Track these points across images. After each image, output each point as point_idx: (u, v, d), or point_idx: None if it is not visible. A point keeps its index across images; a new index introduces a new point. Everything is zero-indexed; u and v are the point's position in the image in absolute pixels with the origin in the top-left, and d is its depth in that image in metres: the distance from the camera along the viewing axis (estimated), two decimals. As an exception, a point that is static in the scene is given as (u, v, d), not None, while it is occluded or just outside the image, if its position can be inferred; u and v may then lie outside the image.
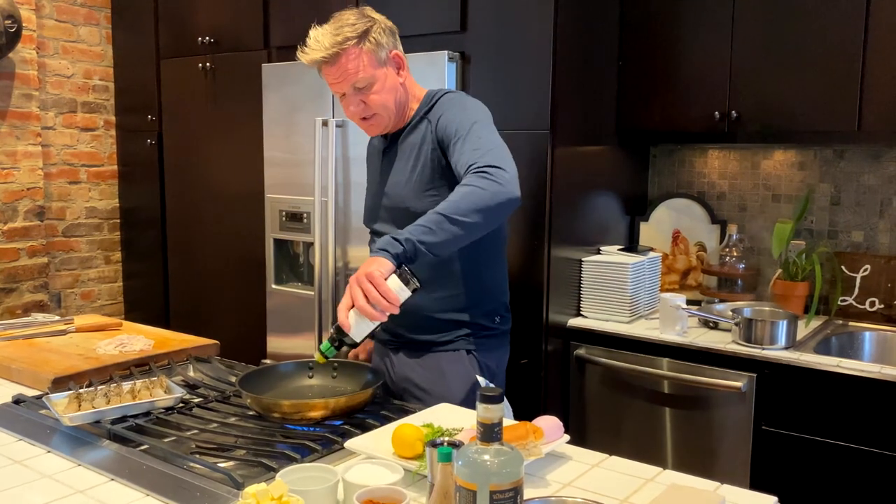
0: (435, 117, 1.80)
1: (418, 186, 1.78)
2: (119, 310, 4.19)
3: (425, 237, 1.53)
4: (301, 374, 1.78)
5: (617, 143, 2.98)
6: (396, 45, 1.82)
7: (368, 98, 1.77)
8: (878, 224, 2.77)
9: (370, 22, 1.77)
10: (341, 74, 1.75)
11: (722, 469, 2.47)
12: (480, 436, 1.04)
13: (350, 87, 1.76)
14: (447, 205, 1.56)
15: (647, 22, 2.83)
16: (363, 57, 1.74)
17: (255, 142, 3.24)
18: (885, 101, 2.40)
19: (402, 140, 1.85)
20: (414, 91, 1.88)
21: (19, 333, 2.16)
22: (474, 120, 1.72)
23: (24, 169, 3.67)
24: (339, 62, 1.73)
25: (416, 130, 1.83)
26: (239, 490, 1.25)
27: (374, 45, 1.76)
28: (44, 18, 3.80)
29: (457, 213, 1.54)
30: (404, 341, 1.87)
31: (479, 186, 1.56)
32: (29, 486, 1.33)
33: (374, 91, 1.77)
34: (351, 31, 1.73)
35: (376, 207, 1.90)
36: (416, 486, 1.31)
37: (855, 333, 2.67)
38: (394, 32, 1.82)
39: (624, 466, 1.43)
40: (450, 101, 1.82)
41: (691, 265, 3.09)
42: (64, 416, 1.50)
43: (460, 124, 1.71)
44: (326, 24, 1.79)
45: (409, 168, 1.81)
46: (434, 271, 1.75)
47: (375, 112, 1.79)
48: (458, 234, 1.55)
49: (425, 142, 1.80)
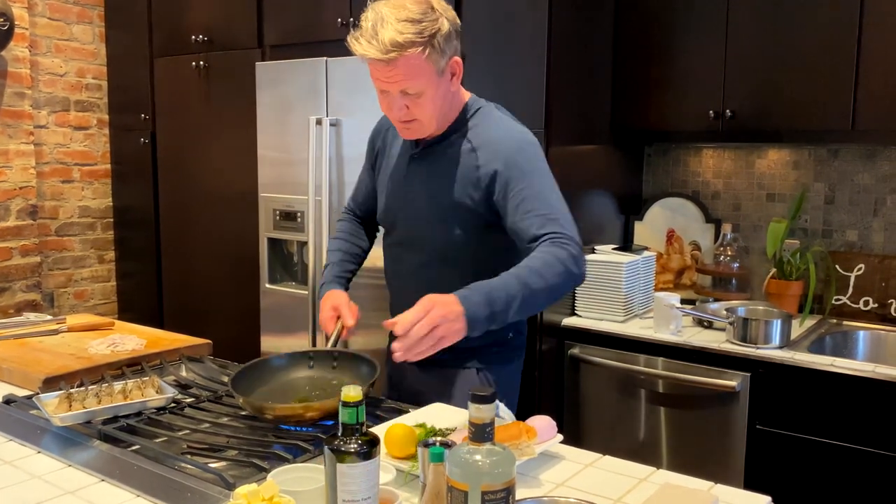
0: (484, 146, 1.65)
1: (441, 214, 1.68)
2: (112, 309, 4.17)
3: (509, 316, 1.48)
4: (295, 365, 1.75)
5: (611, 142, 2.98)
6: (458, 48, 1.64)
7: (415, 104, 1.61)
8: (872, 223, 2.77)
9: (437, 21, 1.56)
10: (393, 76, 1.57)
11: (716, 468, 2.47)
12: (472, 436, 1.03)
13: (398, 91, 1.60)
14: (527, 271, 1.50)
15: (641, 21, 2.83)
16: (423, 65, 1.56)
17: (249, 140, 3.23)
18: (879, 101, 2.40)
19: (437, 153, 1.72)
20: (460, 97, 1.73)
21: (11, 333, 2.14)
22: (534, 169, 1.63)
23: (16, 168, 3.65)
24: (395, 64, 1.54)
25: (454, 148, 1.69)
26: (230, 490, 1.24)
27: (438, 52, 1.57)
28: (36, 17, 3.78)
29: (536, 305, 1.54)
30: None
31: (557, 261, 1.53)
32: (19, 486, 1.32)
33: (423, 100, 1.61)
34: (417, 32, 1.53)
35: (395, 210, 1.80)
36: (409, 487, 1.30)
37: (849, 333, 2.67)
38: (458, 32, 1.63)
39: (617, 466, 1.42)
40: (496, 130, 1.67)
41: (686, 264, 3.09)
42: (54, 417, 1.49)
43: (523, 171, 1.61)
44: (386, 6, 1.55)
45: (438, 190, 1.69)
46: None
47: (417, 119, 1.64)
48: (525, 313, 1.55)
49: (465, 169, 1.65)
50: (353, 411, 1.11)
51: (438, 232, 1.70)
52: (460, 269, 1.65)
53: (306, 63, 2.96)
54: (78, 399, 1.56)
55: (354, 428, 1.12)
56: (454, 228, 1.68)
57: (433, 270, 1.73)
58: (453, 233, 1.68)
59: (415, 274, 1.77)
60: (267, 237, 3.18)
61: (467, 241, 1.69)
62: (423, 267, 1.75)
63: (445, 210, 1.68)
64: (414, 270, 1.77)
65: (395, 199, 1.80)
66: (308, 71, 2.95)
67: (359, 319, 1.81)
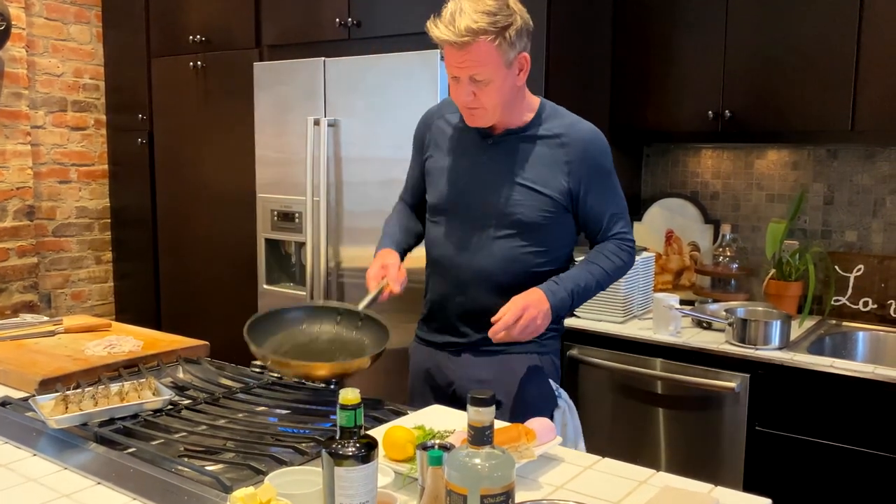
0: (573, 143, 1.81)
1: (539, 203, 1.79)
2: (110, 310, 4.16)
3: (577, 298, 1.78)
4: (322, 318, 1.84)
5: (610, 143, 2.94)
6: (527, 46, 1.77)
7: (482, 92, 1.72)
8: (871, 224, 2.76)
9: (511, 17, 1.69)
10: (465, 61, 1.68)
11: (716, 470, 2.46)
12: (471, 439, 1.03)
13: (468, 76, 1.70)
14: (601, 273, 1.82)
15: (640, 21, 2.83)
16: (493, 53, 1.68)
17: (247, 141, 3.22)
18: (879, 101, 2.40)
19: (518, 142, 1.83)
20: (529, 98, 1.86)
21: (7, 334, 2.13)
22: (611, 169, 1.87)
23: (13, 168, 3.64)
24: (468, 49, 1.66)
25: (540, 140, 1.82)
26: (227, 494, 1.23)
27: (508, 44, 1.69)
28: (33, 17, 3.77)
29: (601, 288, 1.85)
30: (468, 343, 1.87)
31: (623, 265, 1.87)
32: (14, 489, 1.32)
33: (490, 89, 1.72)
34: (491, 22, 1.65)
35: (466, 190, 1.85)
36: (407, 489, 1.30)
37: (848, 333, 2.67)
38: (529, 32, 1.77)
39: (617, 468, 1.42)
40: (585, 131, 1.85)
41: (685, 265, 3.08)
42: (50, 419, 1.48)
43: (604, 171, 1.85)
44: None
45: (531, 177, 1.80)
46: (526, 280, 1.79)
47: (483, 106, 1.75)
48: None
49: (552, 159, 1.80)
50: (350, 414, 1.10)
51: (517, 209, 1.80)
52: (533, 243, 1.82)
53: (304, 63, 2.95)
54: (74, 401, 1.55)
55: (352, 431, 1.11)
56: (533, 208, 1.79)
57: (508, 241, 1.82)
58: (531, 211, 1.80)
59: (485, 246, 1.83)
60: (265, 238, 3.17)
61: (543, 220, 1.81)
62: (496, 239, 1.83)
63: (527, 191, 1.79)
64: (485, 244, 1.84)
65: (467, 180, 1.86)
66: (306, 71, 2.94)
67: (404, 288, 1.84)
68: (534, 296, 1.71)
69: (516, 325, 1.65)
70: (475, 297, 1.83)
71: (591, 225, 1.87)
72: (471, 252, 1.84)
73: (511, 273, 1.81)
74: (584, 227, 1.88)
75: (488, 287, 1.82)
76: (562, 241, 1.87)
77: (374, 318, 1.82)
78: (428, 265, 1.97)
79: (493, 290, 1.81)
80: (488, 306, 1.75)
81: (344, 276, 2.93)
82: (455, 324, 1.88)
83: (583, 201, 1.82)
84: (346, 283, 2.93)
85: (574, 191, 1.81)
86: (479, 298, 1.83)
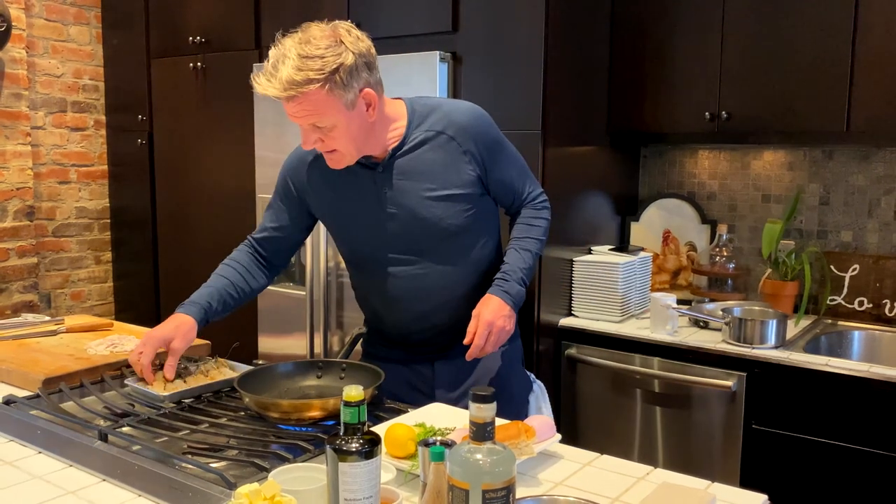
0: (460, 133, 1.72)
1: (460, 207, 1.73)
2: (110, 310, 4.17)
3: (527, 280, 1.78)
4: (303, 373, 1.77)
5: (608, 144, 2.99)
6: (370, 77, 1.60)
7: (329, 137, 1.61)
8: (866, 224, 2.78)
9: (341, 56, 1.53)
10: (299, 111, 1.56)
11: (712, 467, 2.48)
12: (473, 435, 1.04)
13: (308, 124, 1.59)
14: (536, 244, 1.83)
15: (637, 23, 2.84)
16: (327, 100, 1.54)
17: (247, 141, 3.24)
18: (874, 102, 2.42)
19: (408, 158, 1.72)
20: (390, 113, 1.71)
21: (9, 334, 2.14)
22: (501, 136, 1.81)
23: (13, 169, 3.65)
24: (297, 101, 1.53)
25: (431, 147, 1.72)
26: (231, 490, 1.24)
27: (342, 87, 1.54)
28: (33, 18, 3.78)
29: (539, 255, 1.86)
30: (436, 349, 1.83)
31: (547, 223, 1.88)
32: (20, 486, 1.33)
33: (336, 133, 1.60)
34: (317, 69, 1.50)
35: (376, 233, 1.76)
36: (409, 486, 1.31)
37: (844, 333, 2.69)
38: (368, 63, 1.59)
39: (615, 465, 1.43)
40: (465, 115, 1.74)
41: (682, 265, 3.10)
42: (161, 393, 1.66)
43: (497, 143, 1.78)
44: (292, 40, 1.55)
45: (439, 186, 1.72)
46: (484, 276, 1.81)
47: (336, 149, 1.64)
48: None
49: (451, 158, 1.72)
50: (354, 411, 1.12)
51: (443, 223, 1.73)
52: (471, 242, 1.79)
53: (304, 64, 2.96)
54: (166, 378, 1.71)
55: (356, 427, 1.12)
56: (456, 213, 1.74)
57: (449, 256, 1.77)
58: (457, 217, 1.74)
59: (431, 272, 1.76)
60: (264, 238, 3.18)
61: (470, 217, 1.76)
62: (437, 260, 1.76)
63: (443, 201, 1.72)
64: (430, 270, 1.76)
65: (378, 221, 1.75)
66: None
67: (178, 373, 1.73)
68: (492, 304, 1.70)
69: (487, 343, 1.67)
70: (444, 319, 1.80)
71: (503, 196, 1.84)
72: (419, 285, 1.77)
73: (467, 279, 1.79)
74: (496, 199, 1.84)
75: (454, 305, 1.79)
76: (491, 222, 1.84)
77: (357, 365, 1.78)
78: (370, 308, 1.90)
79: (459, 304, 1.78)
80: (455, 319, 1.77)
81: (343, 276, 2.95)
82: (420, 342, 1.84)
83: (490, 178, 1.78)
84: (346, 282, 2.95)
85: (480, 174, 1.75)
86: (448, 318, 1.79)
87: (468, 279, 1.80)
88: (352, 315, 2.95)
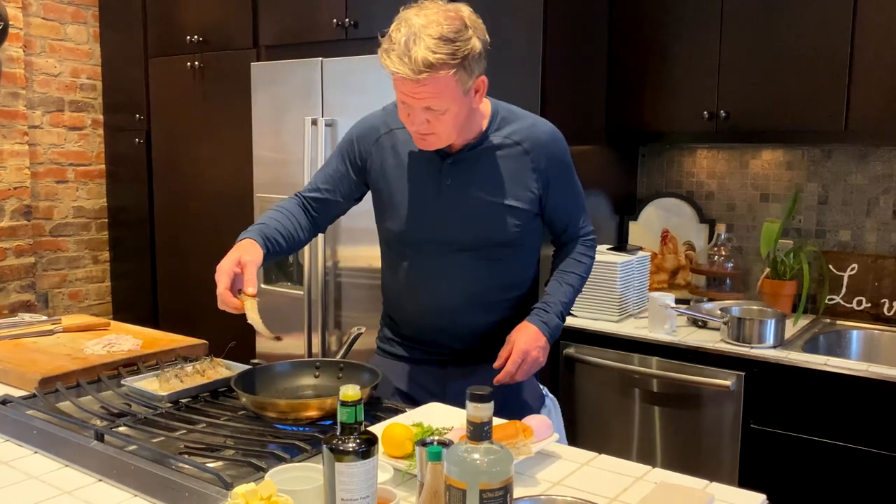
0: (536, 149, 1.72)
1: (512, 218, 1.72)
2: (107, 310, 4.16)
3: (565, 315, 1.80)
4: (300, 373, 1.76)
5: (606, 143, 2.99)
6: (485, 66, 1.62)
7: (437, 120, 1.58)
8: (865, 223, 2.78)
9: (470, 41, 1.53)
10: (420, 93, 1.53)
11: (711, 467, 2.48)
12: (470, 434, 1.04)
13: (422, 107, 1.56)
14: (579, 281, 1.84)
15: (636, 22, 2.84)
16: (452, 86, 1.53)
17: (244, 141, 3.23)
18: (872, 102, 2.42)
19: (478, 157, 1.72)
20: (482, 108, 1.72)
21: (6, 334, 2.14)
22: (572, 164, 1.83)
23: (10, 168, 3.64)
24: (425, 83, 1.50)
25: (501, 150, 1.72)
26: (228, 490, 1.24)
27: (468, 73, 1.54)
28: (31, 17, 3.77)
29: (580, 293, 1.86)
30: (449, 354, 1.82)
31: (591, 262, 1.88)
32: (15, 487, 1.32)
33: (447, 117, 1.58)
34: (450, 53, 1.49)
35: (430, 218, 1.74)
36: (406, 486, 1.31)
37: (842, 332, 2.68)
38: (487, 50, 1.61)
39: (613, 465, 1.43)
40: (546, 133, 1.76)
41: (680, 264, 3.10)
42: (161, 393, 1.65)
43: (567, 169, 1.81)
44: (419, 18, 1.51)
45: (499, 193, 1.71)
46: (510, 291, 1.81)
47: (436, 133, 1.61)
48: None
49: (518, 170, 1.72)
50: (351, 410, 1.12)
51: (491, 229, 1.73)
52: (510, 255, 1.77)
53: (301, 63, 2.96)
54: (165, 378, 1.72)
55: (353, 427, 1.12)
56: (505, 225, 1.73)
57: (486, 262, 1.75)
58: (504, 228, 1.73)
59: (464, 272, 1.75)
60: (262, 237, 3.17)
61: (517, 232, 1.75)
62: (473, 262, 1.75)
63: (499, 207, 1.72)
64: (463, 269, 1.75)
65: (433, 209, 1.74)
66: (303, 71, 2.95)
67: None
68: (529, 334, 1.69)
69: (519, 371, 1.65)
70: (462, 322, 1.78)
71: (557, 223, 1.83)
72: (449, 279, 1.76)
73: (495, 290, 1.78)
74: (549, 225, 1.84)
75: (476, 310, 1.77)
76: (534, 245, 1.84)
77: (354, 365, 1.77)
78: (395, 291, 1.87)
79: (480, 311, 1.77)
80: (476, 326, 1.77)
81: (342, 276, 2.94)
82: (438, 342, 1.82)
83: (549, 201, 1.77)
84: (344, 282, 2.94)
85: (542, 195, 1.75)
86: (466, 322, 1.78)
87: (495, 290, 1.78)
88: (350, 315, 2.95)
